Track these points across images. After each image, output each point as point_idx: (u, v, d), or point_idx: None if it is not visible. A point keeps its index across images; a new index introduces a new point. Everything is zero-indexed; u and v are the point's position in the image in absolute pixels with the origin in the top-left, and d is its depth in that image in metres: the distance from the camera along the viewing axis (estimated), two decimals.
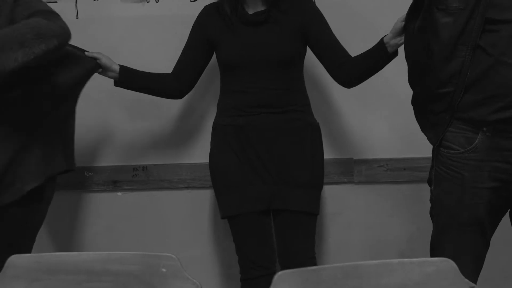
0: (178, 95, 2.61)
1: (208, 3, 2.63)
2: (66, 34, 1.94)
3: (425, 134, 2.15)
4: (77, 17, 2.80)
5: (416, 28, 2.04)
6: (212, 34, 2.50)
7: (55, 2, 2.78)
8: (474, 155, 1.99)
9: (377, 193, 2.86)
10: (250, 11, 2.47)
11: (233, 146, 2.47)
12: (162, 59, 2.67)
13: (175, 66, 2.57)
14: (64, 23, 1.96)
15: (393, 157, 2.82)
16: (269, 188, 2.44)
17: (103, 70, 2.46)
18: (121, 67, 2.48)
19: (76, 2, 2.79)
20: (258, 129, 2.44)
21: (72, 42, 2.17)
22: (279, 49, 2.43)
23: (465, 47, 1.93)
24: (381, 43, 2.34)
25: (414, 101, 2.17)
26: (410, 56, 2.12)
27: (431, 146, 2.15)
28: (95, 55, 2.42)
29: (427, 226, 2.83)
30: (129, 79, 2.51)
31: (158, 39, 2.79)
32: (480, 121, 1.97)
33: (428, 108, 2.09)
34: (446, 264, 1.47)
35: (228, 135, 2.48)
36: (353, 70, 2.44)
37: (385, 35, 2.33)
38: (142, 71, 2.55)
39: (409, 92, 2.76)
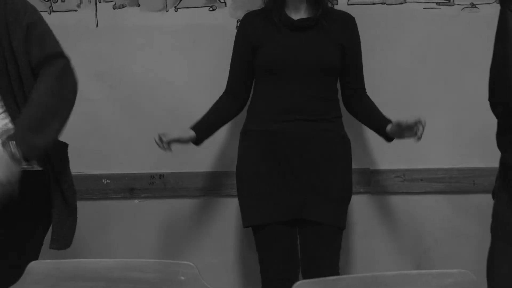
0: (240, 111, 2.59)
1: (224, 12, 2.63)
2: (76, 94, 2.04)
3: (504, 156, 1.93)
4: (97, 26, 2.81)
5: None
6: (255, 39, 2.48)
7: (75, 11, 2.80)
8: None
9: (394, 204, 2.85)
10: (294, 17, 2.46)
11: (264, 153, 2.44)
12: (181, 68, 2.69)
13: (228, 84, 2.55)
14: (75, 77, 2.05)
15: (410, 168, 2.81)
16: (297, 197, 2.41)
17: (183, 141, 2.46)
18: (194, 129, 2.47)
19: (96, 11, 2.81)
20: (290, 137, 2.42)
21: (92, 50, 2.19)
22: (323, 55, 2.43)
23: None
24: (382, 126, 2.44)
25: (498, 124, 1.92)
26: (491, 69, 1.90)
27: (447, 157, 2.11)
28: (174, 137, 2.42)
29: (444, 237, 2.84)
30: (203, 134, 2.50)
31: (177, 48, 2.80)
32: None
33: (508, 125, 1.87)
34: (465, 276, 1.46)
35: (259, 141, 2.46)
36: (354, 111, 2.56)
37: (390, 123, 2.40)
38: (207, 116, 2.52)
39: (426, 101, 2.77)
